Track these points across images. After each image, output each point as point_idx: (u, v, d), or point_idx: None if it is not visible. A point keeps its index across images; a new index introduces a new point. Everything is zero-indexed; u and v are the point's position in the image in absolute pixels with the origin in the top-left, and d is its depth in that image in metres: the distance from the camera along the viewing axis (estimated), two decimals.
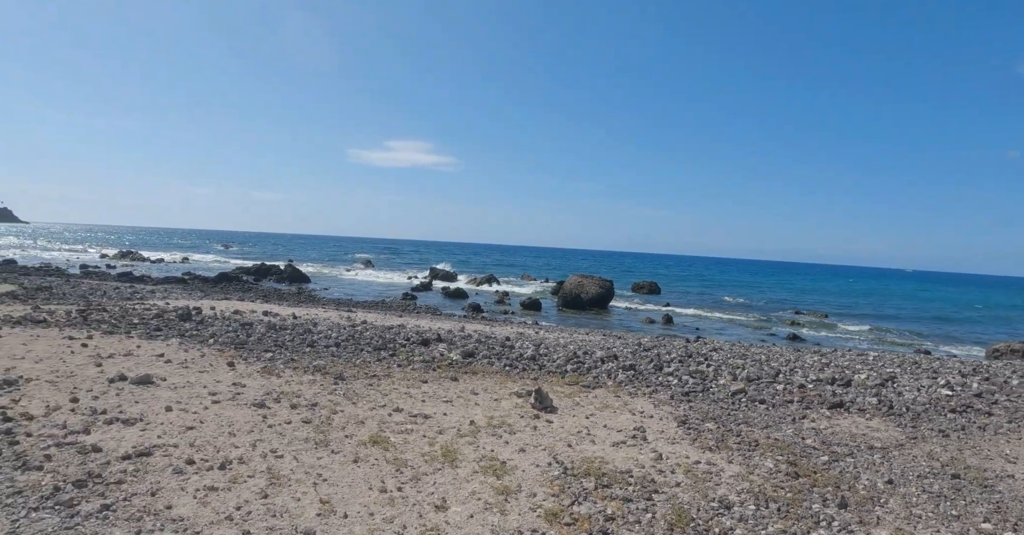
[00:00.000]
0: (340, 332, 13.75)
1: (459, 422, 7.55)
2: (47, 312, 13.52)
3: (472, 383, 9.72)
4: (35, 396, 7.13)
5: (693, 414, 9.10)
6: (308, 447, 6.16)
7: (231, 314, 15.53)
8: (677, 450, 7.40)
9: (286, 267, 45.86)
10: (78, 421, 6.32)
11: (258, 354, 10.43)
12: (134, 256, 56.51)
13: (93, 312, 13.91)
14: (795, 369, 13.98)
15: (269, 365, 9.50)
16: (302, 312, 17.40)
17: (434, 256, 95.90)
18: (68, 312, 13.65)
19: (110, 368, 8.67)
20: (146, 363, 9.15)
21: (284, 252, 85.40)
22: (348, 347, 11.93)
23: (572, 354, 13.04)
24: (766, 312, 41.30)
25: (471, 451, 6.58)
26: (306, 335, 13.03)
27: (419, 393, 8.76)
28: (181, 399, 7.38)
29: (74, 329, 11.61)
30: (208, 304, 17.54)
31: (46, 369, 8.39)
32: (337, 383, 8.77)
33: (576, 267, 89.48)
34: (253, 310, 16.66)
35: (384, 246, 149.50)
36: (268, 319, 15.13)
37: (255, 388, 8.14)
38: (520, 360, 11.94)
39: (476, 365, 11.07)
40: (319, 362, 9.87)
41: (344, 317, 16.88)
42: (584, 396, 9.58)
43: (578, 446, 7.17)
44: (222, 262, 57.03)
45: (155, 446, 5.77)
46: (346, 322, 15.78)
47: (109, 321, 12.85)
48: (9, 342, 9.97)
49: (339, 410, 7.48)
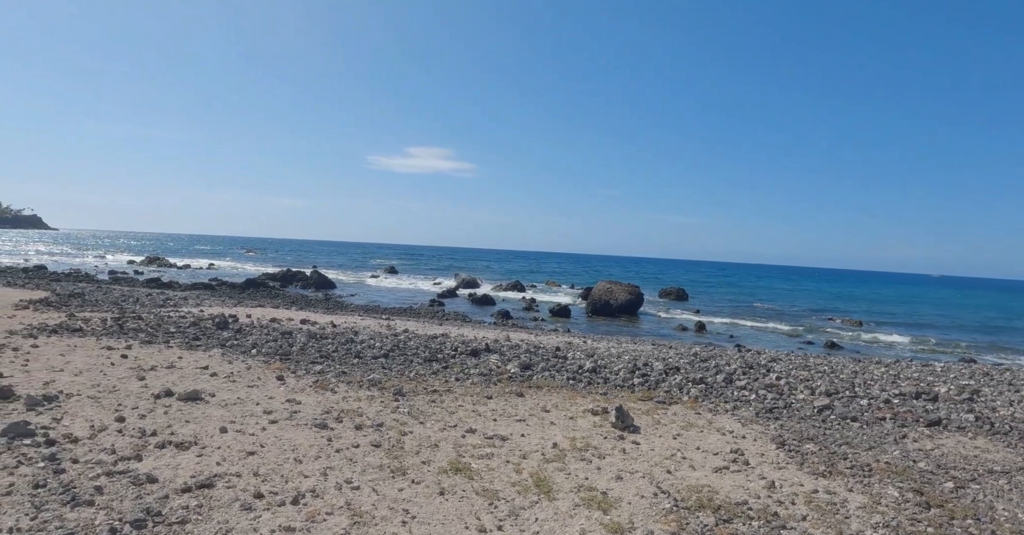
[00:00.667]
0: (384, 342, 13.06)
1: (540, 444, 6.78)
2: (82, 320, 12.99)
3: (539, 399, 8.95)
4: (77, 414, 6.49)
5: (787, 434, 8.25)
6: (385, 476, 5.43)
7: (268, 322, 14.92)
8: (787, 476, 6.57)
9: (312, 273, 45.46)
10: (127, 444, 5.65)
11: (306, 366, 9.75)
12: (161, 262, 56.53)
13: (128, 320, 13.36)
14: (868, 382, 13.05)
15: (321, 379, 8.81)
16: (340, 320, 16.76)
17: (456, 262, 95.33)
18: (103, 320, 13.11)
19: (154, 382, 8.04)
20: (191, 376, 8.50)
21: (306, 258, 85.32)
22: (397, 358, 11.22)
23: (632, 366, 12.22)
24: (798, 319, 40.07)
25: (564, 479, 5.81)
26: (349, 345, 12.36)
27: (487, 411, 8.00)
28: (235, 418, 6.69)
29: (111, 338, 11.04)
30: (243, 312, 16.97)
31: (87, 383, 7.77)
32: (398, 399, 8.05)
33: (599, 273, 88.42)
34: (290, 318, 16.05)
35: (405, 252, 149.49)
36: (307, 327, 14.49)
37: (311, 405, 7.44)
38: (581, 373, 11.16)
39: (537, 379, 10.30)
40: (374, 375, 9.16)
41: (384, 325, 16.20)
42: (662, 413, 8.77)
43: (677, 472, 6.37)
44: (247, 268, 56.90)
45: (216, 476, 5.07)
46: (387, 330, 15.10)
47: (146, 330, 12.28)
48: (47, 352, 9.39)
49: (408, 431, 6.74)
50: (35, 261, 46.79)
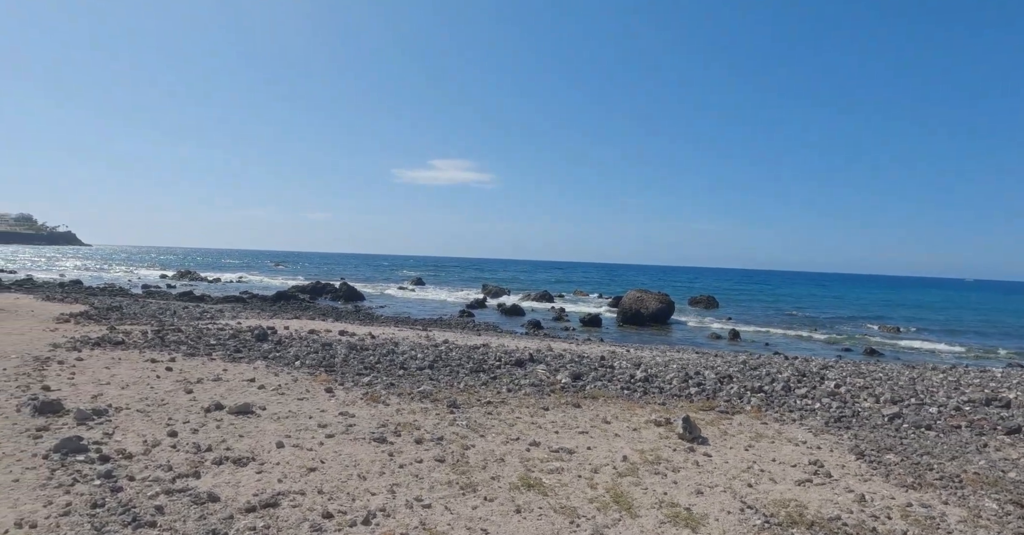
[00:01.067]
0: (425, 352, 12.78)
1: (610, 457, 6.40)
2: (123, 333, 12.92)
3: (597, 410, 8.57)
4: (129, 428, 6.27)
5: (864, 444, 7.76)
6: (455, 493, 5.10)
7: (307, 334, 14.74)
8: (875, 489, 6.11)
9: (341, 285, 45.54)
10: (183, 460, 5.39)
11: (353, 378, 9.49)
12: (192, 276, 57.17)
13: (169, 333, 13.27)
14: (930, 389, 12.44)
15: (370, 391, 8.52)
16: (378, 331, 16.54)
17: (482, 273, 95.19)
18: (144, 333, 13.03)
19: (202, 395, 7.82)
20: (238, 389, 8.28)
21: (334, 270, 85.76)
22: (442, 370, 10.92)
23: (684, 375, 11.78)
24: (833, 326, 39.00)
25: (642, 494, 5.42)
26: (391, 356, 12.10)
27: (546, 423, 7.64)
28: (289, 432, 6.42)
29: (154, 351, 10.91)
30: (281, 324, 16.85)
31: (135, 396, 7.58)
32: (453, 412, 7.73)
33: (626, 282, 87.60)
34: (328, 330, 15.87)
35: (431, 263, 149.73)
36: (346, 339, 14.28)
37: (366, 418, 7.15)
38: (633, 383, 10.75)
39: (590, 389, 9.91)
40: (424, 387, 8.85)
41: (423, 336, 15.94)
42: (727, 423, 8.33)
43: (759, 486, 5.95)
44: (277, 281, 57.27)
45: (279, 494, 4.78)
46: (427, 341, 14.83)
47: (187, 342, 12.15)
48: (92, 365, 9.25)
49: (470, 445, 6.41)
50: (71, 276, 47.57)
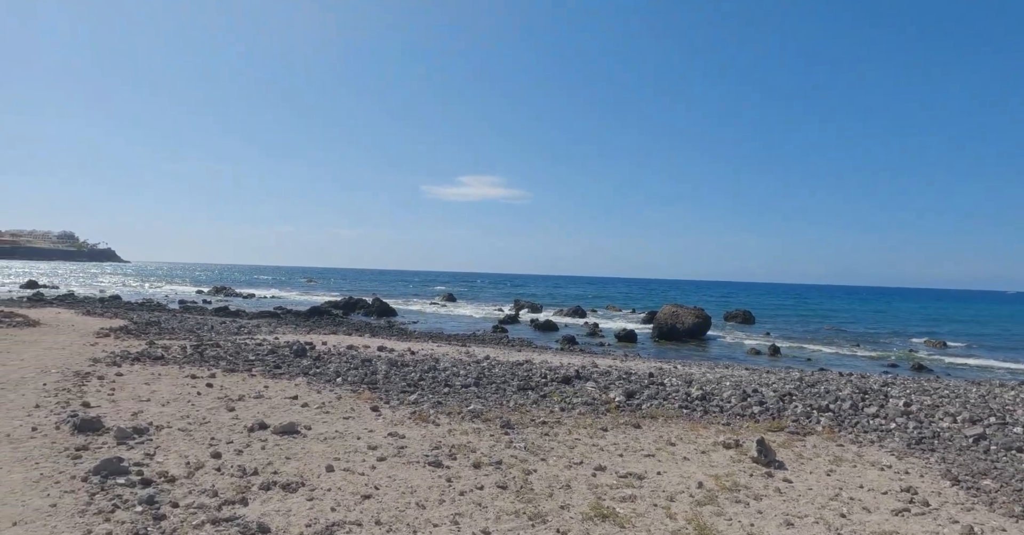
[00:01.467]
0: (468, 369, 12.35)
1: (683, 483, 5.87)
2: (162, 348, 12.75)
3: (659, 430, 8.02)
4: (170, 449, 5.93)
5: (955, 468, 7.08)
6: (523, 524, 4.62)
7: (345, 349, 14.43)
8: (980, 519, 5.48)
9: (373, 301, 45.47)
10: (229, 485, 5.02)
11: (397, 396, 9.09)
12: (227, 291, 57.78)
13: (207, 348, 13.06)
14: (1006, 407, 11.60)
15: (418, 410, 8.10)
16: (417, 347, 16.17)
17: (513, 288, 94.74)
18: (183, 348, 12.84)
19: (244, 413, 7.48)
20: (281, 407, 7.93)
21: (365, 286, 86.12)
22: (488, 387, 10.47)
23: (742, 393, 11.15)
24: (877, 341, 37.58)
25: (727, 526, 4.89)
26: (433, 373, 11.69)
27: (608, 445, 7.13)
28: (338, 454, 6.01)
29: (194, 366, 10.66)
30: (318, 339, 16.59)
31: (176, 414, 7.27)
32: (507, 433, 7.26)
33: (658, 296, 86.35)
34: (366, 345, 15.55)
35: (462, 279, 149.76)
36: (386, 355, 13.93)
37: (416, 440, 6.72)
38: (691, 401, 10.17)
39: (648, 408, 9.36)
40: (474, 406, 8.39)
41: (463, 352, 15.53)
42: (800, 446, 7.72)
43: (852, 516, 5.36)
44: (309, 297, 57.57)
45: (334, 524, 4.36)
46: (467, 357, 14.41)
47: (226, 357, 11.91)
48: (132, 381, 9.01)
49: (531, 469, 5.93)
50: (110, 292, 48.36)
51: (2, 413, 7.05)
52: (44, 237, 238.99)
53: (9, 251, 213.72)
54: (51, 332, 15.48)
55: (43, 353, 11.62)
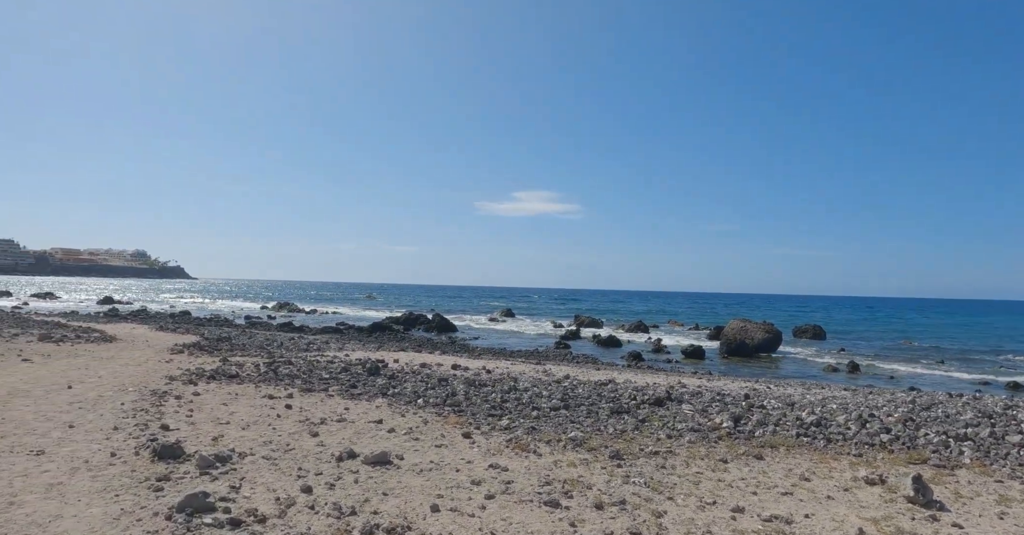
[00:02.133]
0: (551, 390, 11.59)
1: (840, 530, 4.94)
2: (236, 365, 12.45)
3: (785, 462, 7.07)
4: (257, 480, 5.37)
5: None
6: None
7: (419, 368, 13.88)
8: None
9: (434, 317, 45.28)
10: (326, 527, 4.38)
11: (486, 420, 8.39)
12: (290, 307, 58.75)
13: (280, 365, 12.71)
14: None
15: (513, 437, 7.37)
16: (492, 365, 15.51)
17: (569, 304, 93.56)
18: (256, 365, 12.52)
19: (329, 439, 6.91)
20: (367, 433, 7.33)
21: (422, 302, 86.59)
22: (578, 410, 9.68)
23: (858, 417, 10.02)
24: (963, 356, 34.92)
25: None
26: (514, 393, 10.98)
27: (734, 479, 6.23)
28: (440, 490, 5.33)
29: (269, 385, 10.25)
30: (389, 356, 16.13)
31: (257, 439, 6.75)
32: (620, 465, 6.45)
33: (721, 311, 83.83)
34: (439, 363, 14.98)
35: (517, 294, 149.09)
36: (461, 374, 13.30)
37: (522, 473, 5.98)
38: (806, 427, 9.12)
39: (762, 435, 8.39)
40: (574, 434, 7.61)
41: (540, 371, 14.78)
42: (953, 482, 6.63)
43: None
44: (369, 313, 58.00)
45: None
46: (546, 377, 13.65)
47: (300, 376, 11.49)
48: (209, 401, 8.60)
49: (661, 511, 5.11)
50: (180, 307, 49.73)
51: (81, 435, 6.68)
52: (119, 255, 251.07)
53: (87, 269, 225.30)
54: (127, 348, 15.49)
55: (120, 370, 11.45)
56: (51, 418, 7.36)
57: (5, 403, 8.13)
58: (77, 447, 6.22)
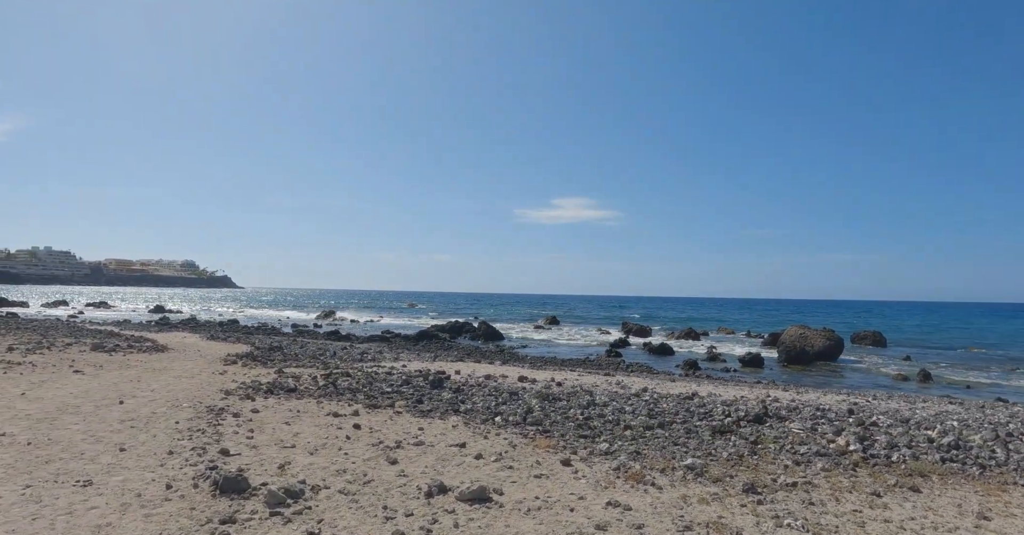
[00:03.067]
0: (633, 404, 10.53)
1: None
2: (292, 377, 11.71)
3: (947, 495, 5.90)
4: (338, 524, 4.47)
5: None
6: None
7: (483, 379, 12.95)
8: None
9: (480, 325, 44.47)
10: None
11: (581, 442, 7.38)
12: (335, 316, 58.73)
13: (339, 377, 11.93)
14: None
15: (620, 464, 6.34)
16: (560, 376, 14.49)
17: (614, 311, 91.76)
18: (314, 378, 11.76)
19: (410, 467, 5.99)
20: (452, 459, 6.39)
21: (462, 309, 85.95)
22: (675, 429, 8.59)
23: (995, 437, 8.70)
24: None
25: None
26: (593, 408, 9.96)
27: (901, 518, 5.12)
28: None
29: (331, 400, 9.43)
30: (450, 367, 15.25)
31: (329, 467, 5.87)
32: (759, 502, 5.36)
33: (771, 317, 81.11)
34: (503, 374, 14.02)
35: (559, 301, 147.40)
36: (529, 386, 12.33)
37: (648, 512, 4.95)
38: (944, 449, 7.87)
39: (904, 461, 7.17)
40: (691, 461, 6.53)
41: (613, 382, 13.70)
42: None
43: None
44: (413, 321, 57.56)
45: None
46: (621, 389, 12.58)
47: (361, 389, 10.67)
48: (270, 419, 7.79)
49: None
50: (228, 316, 50.02)
51: (132, 461, 5.90)
52: (169, 266, 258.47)
53: (140, 278, 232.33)
54: (179, 358, 14.95)
55: (173, 382, 10.80)
56: (101, 438, 6.63)
57: (54, 420, 7.46)
58: (129, 476, 5.43)
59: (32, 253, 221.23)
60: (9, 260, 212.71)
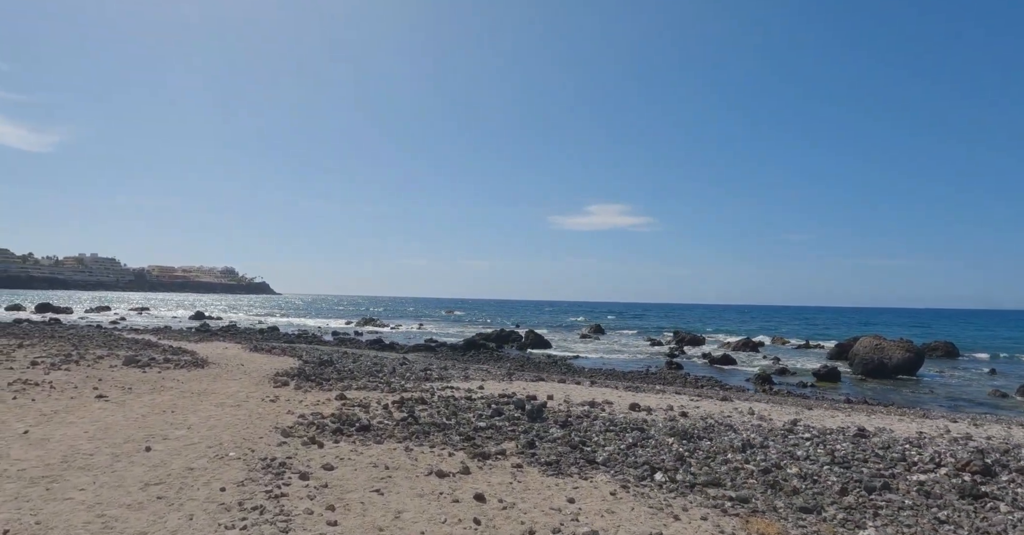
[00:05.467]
0: (804, 447, 8.07)
1: None
2: (359, 405, 9.49)
3: None
4: None
5: None
6: None
7: (587, 407, 10.59)
8: None
9: (527, 334, 42.23)
10: None
11: (808, 522, 4.95)
12: (374, 323, 57.00)
13: (413, 405, 9.67)
14: None
15: None
16: (675, 402, 12.01)
17: (656, 320, 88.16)
18: (384, 406, 9.52)
19: None
20: None
21: (500, 316, 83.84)
22: (898, 488, 6.10)
23: None
24: None
25: None
26: (752, 452, 7.52)
27: None
28: None
29: (421, 445, 7.16)
30: (535, 390, 12.91)
31: None
32: None
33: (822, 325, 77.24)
34: (606, 400, 11.61)
35: (598, 309, 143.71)
36: (647, 417, 9.94)
37: None
38: None
39: None
40: None
41: (744, 411, 11.17)
42: None
43: None
44: (453, 329, 55.59)
45: None
46: (762, 421, 10.08)
47: (449, 424, 8.38)
48: (353, 485, 5.50)
49: None
50: (268, 322, 48.72)
51: None
52: (209, 273, 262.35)
53: (181, 285, 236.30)
54: (221, 376, 12.91)
55: (215, 413, 8.66)
56: (111, 525, 4.42)
57: (53, 482, 5.30)
58: None
59: (79, 260, 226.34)
60: (58, 267, 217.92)
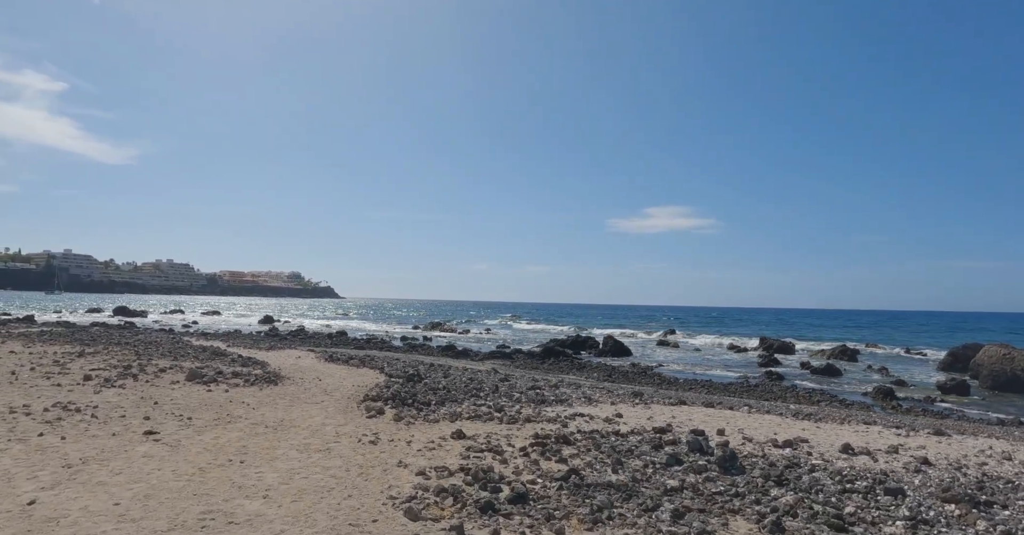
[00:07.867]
0: None
1: None
2: (490, 450, 7.02)
3: None
4: None
5: None
6: None
7: (786, 450, 7.84)
8: None
9: (605, 339, 39.49)
10: None
11: None
12: (442, 327, 55.28)
13: (559, 446, 7.14)
14: None
15: None
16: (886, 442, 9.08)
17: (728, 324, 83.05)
18: (522, 450, 7.02)
19: None
20: None
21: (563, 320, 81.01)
22: None
23: None
24: None
25: None
26: None
27: None
28: None
29: (597, 523, 4.60)
30: (686, 419, 10.19)
31: None
32: None
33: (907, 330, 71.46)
34: (800, 437, 8.75)
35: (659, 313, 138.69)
36: (867, 462, 7.12)
37: None
38: None
39: None
40: None
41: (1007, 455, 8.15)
42: None
43: None
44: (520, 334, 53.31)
45: None
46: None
47: (627, 485, 5.80)
48: None
49: None
50: (336, 328, 47.55)
51: None
52: (277, 277, 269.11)
53: (250, 289, 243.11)
54: (299, 397, 10.75)
55: (298, 467, 6.33)
56: None
57: None
58: None
59: (156, 266, 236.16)
60: (137, 272, 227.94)
